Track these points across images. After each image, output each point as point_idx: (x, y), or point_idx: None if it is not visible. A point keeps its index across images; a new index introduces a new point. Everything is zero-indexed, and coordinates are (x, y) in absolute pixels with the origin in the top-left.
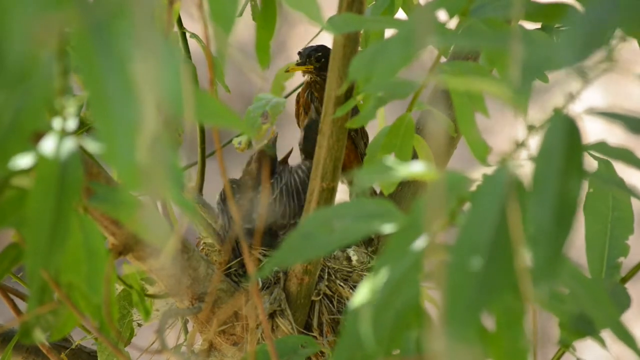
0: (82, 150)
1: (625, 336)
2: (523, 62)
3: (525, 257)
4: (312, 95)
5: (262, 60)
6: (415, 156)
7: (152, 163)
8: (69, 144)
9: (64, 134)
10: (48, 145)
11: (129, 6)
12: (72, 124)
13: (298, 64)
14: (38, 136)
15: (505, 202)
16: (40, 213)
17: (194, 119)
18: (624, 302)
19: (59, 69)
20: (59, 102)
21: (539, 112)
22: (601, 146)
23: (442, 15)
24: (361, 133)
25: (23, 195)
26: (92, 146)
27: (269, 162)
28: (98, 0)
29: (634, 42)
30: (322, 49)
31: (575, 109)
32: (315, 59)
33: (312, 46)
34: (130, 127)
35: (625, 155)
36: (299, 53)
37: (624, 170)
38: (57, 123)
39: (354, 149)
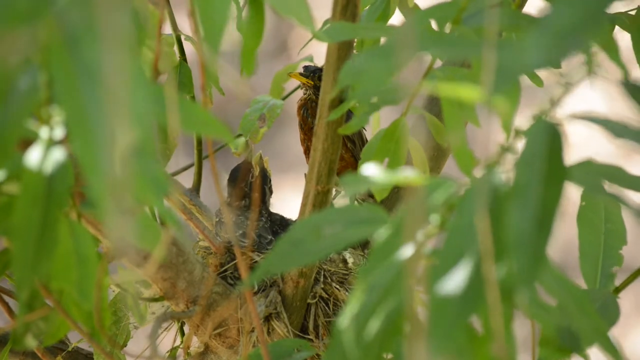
0: (74, 156)
1: (612, 350)
2: (497, 67)
3: (509, 263)
4: (307, 112)
5: (247, 68)
6: (410, 160)
7: (127, 173)
8: (57, 153)
9: (51, 142)
10: (34, 154)
11: (98, 21)
12: (59, 132)
13: (301, 75)
14: (27, 144)
15: (482, 211)
16: (27, 222)
17: (180, 128)
18: (613, 315)
19: (45, 78)
20: (45, 110)
21: (528, 114)
22: (588, 165)
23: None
24: (358, 137)
25: (12, 203)
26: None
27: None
28: (73, 13)
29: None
30: None
31: (560, 113)
32: (318, 77)
33: (318, 66)
34: (106, 138)
35: (615, 174)
36: (305, 67)
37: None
38: (44, 131)
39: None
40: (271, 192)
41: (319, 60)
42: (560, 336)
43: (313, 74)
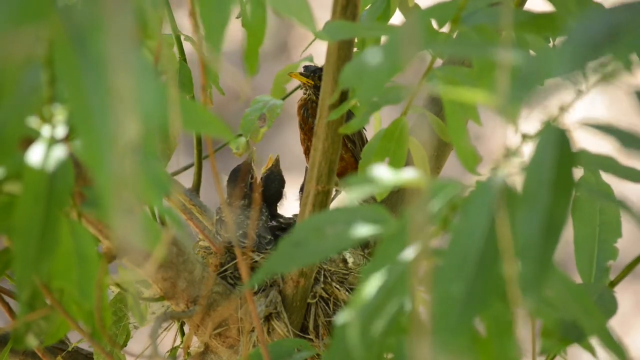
0: (75, 155)
1: (613, 345)
2: (514, 75)
3: (514, 267)
4: (307, 112)
5: (251, 67)
6: (410, 159)
7: (131, 170)
8: (58, 152)
9: (52, 141)
10: (36, 153)
11: (104, 18)
12: (61, 131)
13: (301, 74)
14: (29, 143)
15: (496, 210)
16: (28, 221)
17: (181, 127)
18: (611, 308)
19: (47, 77)
20: (47, 109)
21: (535, 117)
22: (583, 156)
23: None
24: (359, 137)
25: (13, 202)
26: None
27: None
28: (78, 11)
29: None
30: None
31: (569, 119)
32: (318, 77)
33: (319, 66)
34: (111, 136)
35: (609, 164)
36: (305, 67)
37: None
38: (45, 130)
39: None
40: (285, 197)
41: (319, 61)
42: (561, 328)
43: (313, 74)
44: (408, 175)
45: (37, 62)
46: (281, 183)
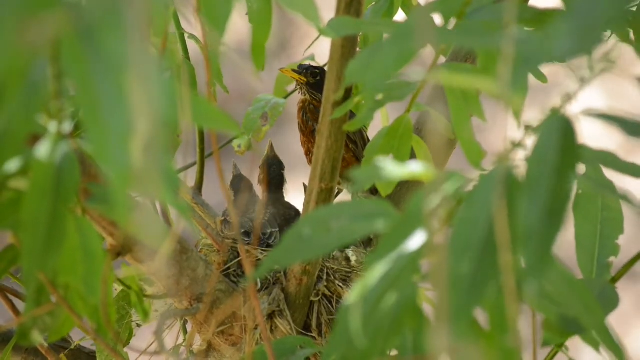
0: (80, 151)
1: (612, 344)
2: (515, 57)
3: (516, 257)
4: (306, 115)
5: (258, 62)
6: (413, 157)
7: (145, 166)
8: (65, 147)
9: (59, 136)
10: (43, 148)
11: (119, 12)
12: (67, 126)
13: (294, 71)
14: (35, 139)
15: (499, 202)
16: (35, 216)
17: (191, 122)
18: (613, 303)
19: (53, 71)
20: (54, 104)
21: (536, 113)
22: (584, 151)
23: (437, 19)
24: (360, 137)
25: (20, 198)
26: (89, 147)
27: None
28: (88, 3)
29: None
30: (322, 70)
31: (573, 109)
32: (310, 74)
33: (313, 65)
34: (122, 131)
35: (610, 160)
36: (300, 66)
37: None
38: (52, 125)
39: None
40: (286, 181)
41: (321, 60)
42: (562, 322)
43: (306, 71)
44: (414, 168)
45: (43, 56)
46: (280, 165)
